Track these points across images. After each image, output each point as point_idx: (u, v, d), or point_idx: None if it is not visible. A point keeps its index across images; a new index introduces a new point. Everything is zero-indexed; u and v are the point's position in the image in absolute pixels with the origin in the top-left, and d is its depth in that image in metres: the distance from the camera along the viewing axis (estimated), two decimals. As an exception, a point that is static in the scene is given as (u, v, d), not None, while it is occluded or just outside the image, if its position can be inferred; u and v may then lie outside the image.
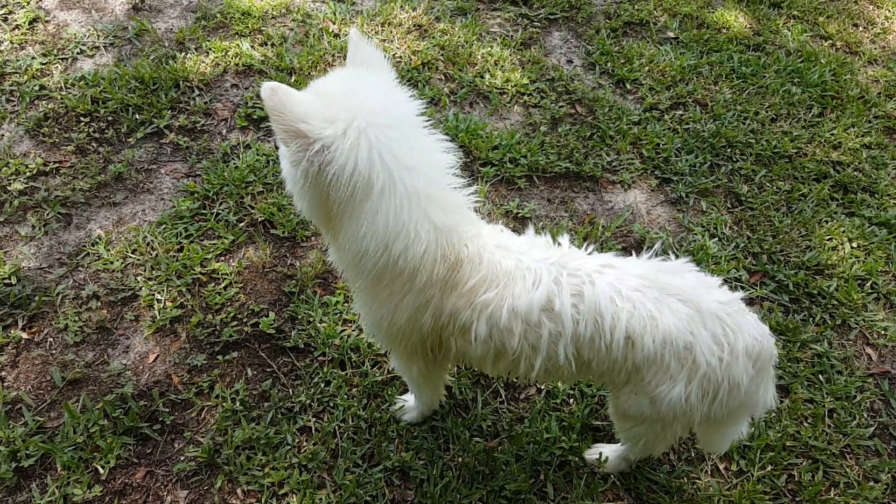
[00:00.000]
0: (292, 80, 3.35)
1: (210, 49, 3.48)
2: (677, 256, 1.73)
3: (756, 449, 2.28)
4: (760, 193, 3.17)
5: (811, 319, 2.71)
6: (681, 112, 3.52)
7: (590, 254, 1.67)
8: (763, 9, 4.29)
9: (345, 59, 1.64)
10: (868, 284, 2.85)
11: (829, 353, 2.59)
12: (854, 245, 2.99)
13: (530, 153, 3.15)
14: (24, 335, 2.39)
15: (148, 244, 2.67)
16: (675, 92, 3.59)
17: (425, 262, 1.50)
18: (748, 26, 4.14)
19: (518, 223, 2.91)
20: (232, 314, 2.49)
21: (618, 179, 3.15)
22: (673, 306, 1.53)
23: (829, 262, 2.90)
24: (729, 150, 3.34)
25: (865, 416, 2.44)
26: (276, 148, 1.72)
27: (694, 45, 3.92)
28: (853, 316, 2.73)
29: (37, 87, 3.20)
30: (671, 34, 4.00)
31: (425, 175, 1.47)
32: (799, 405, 2.42)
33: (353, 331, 2.48)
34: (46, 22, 3.55)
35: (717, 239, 2.94)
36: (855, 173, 3.31)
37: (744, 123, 3.48)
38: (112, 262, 2.60)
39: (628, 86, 3.63)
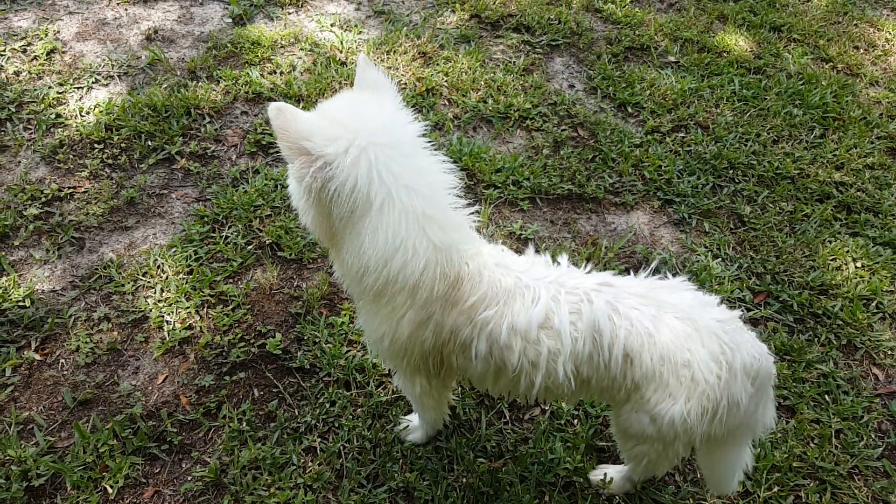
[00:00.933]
0: (300, 106, 3.42)
1: (221, 77, 3.58)
2: (676, 276, 1.75)
3: (762, 470, 2.27)
4: (763, 214, 3.19)
5: (816, 339, 2.71)
6: (682, 134, 3.57)
7: (588, 273, 1.70)
8: (764, 32, 4.35)
9: (351, 86, 1.70)
10: (873, 304, 2.85)
11: (835, 373, 2.58)
12: (858, 265, 3.00)
13: (533, 176, 3.19)
14: (37, 356, 2.44)
15: (158, 267, 2.72)
16: (677, 115, 3.64)
17: (424, 279, 1.54)
18: (749, 50, 4.20)
19: (521, 244, 2.94)
20: (239, 335, 2.53)
21: (620, 201, 3.19)
22: (670, 324, 1.55)
23: (834, 281, 2.90)
24: (731, 172, 3.38)
25: (873, 436, 2.43)
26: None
27: (695, 68, 3.98)
28: (858, 336, 2.73)
29: (53, 116, 3.29)
30: (672, 58, 4.07)
31: (424, 194, 1.51)
32: (805, 425, 2.41)
33: (357, 351, 2.51)
34: (63, 53, 3.67)
35: (720, 259, 2.96)
36: (858, 194, 3.32)
37: (745, 145, 3.52)
38: (123, 285, 2.65)
39: (630, 109, 3.69)
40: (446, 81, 3.68)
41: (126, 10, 4.03)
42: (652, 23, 4.31)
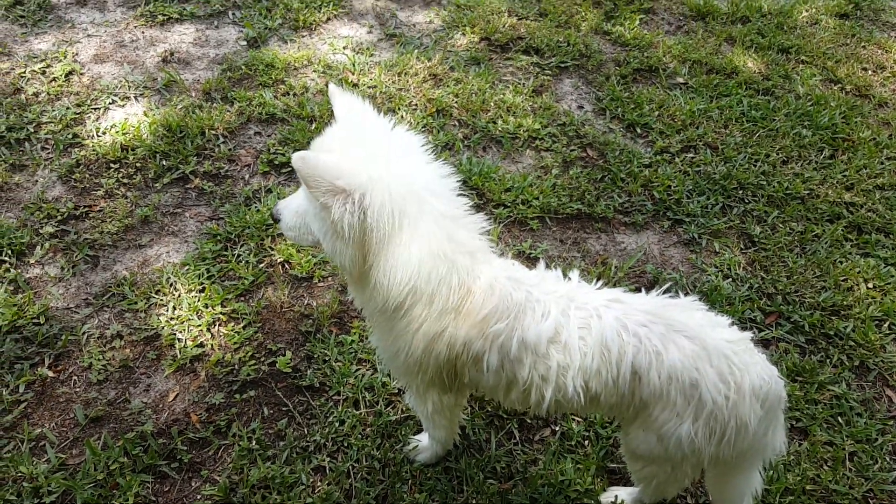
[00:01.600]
0: (312, 127, 3.47)
1: (235, 99, 3.64)
2: (687, 296, 1.75)
3: (775, 493, 2.24)
4: (773, 234, 3.19)
5: (828, 360, 2.69)
6: (692, 155, 3.58)
7: (599, 289, 1.71)
8: (772, 54, 4.38)
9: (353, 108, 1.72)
10: (886, 325, 2.83)
11: (848, 394, 2.56)
12: (870, 285, 2.98)
13: (542, 195, 3.21)
14: (50, 373, 2.46)
15: (171, 285, 2.75)
16: (686, 135, 3.66)
17: (442, 287, 1.57)
18: (757, 71, 4.23)
19: (531, 263, 2.93)
20: (250, 353, 2.55)
21: (630, 221, 3.20)
22: (679, 342, 1.55)
23: (845, 302, 2.89)
24: (741, 192, 3.38)
25: (888, 459, 2.40)
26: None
27: (704, 89, 4.00)
28: (871, 357, 2.71)
29: (70, 136, 3.35)
30: (681, 80, 4.09)
31: (445, 198, 1.58)
32: (818, 448, 2.38)
33: (367, 370, 2.51)
34: (81, 74, 3.75)
35: (730, 280, 2.95)
36: (869, 214, 3.31)
37: (755, 166, 3.53)
38: (136, 303, 2.68)
39: (639, 130, 3.71)
40: (456, 102, 3.72)
41: (143, 32, 4.12)
42: (660, 45, 4.35)
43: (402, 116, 3.58)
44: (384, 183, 1.47)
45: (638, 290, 2.84)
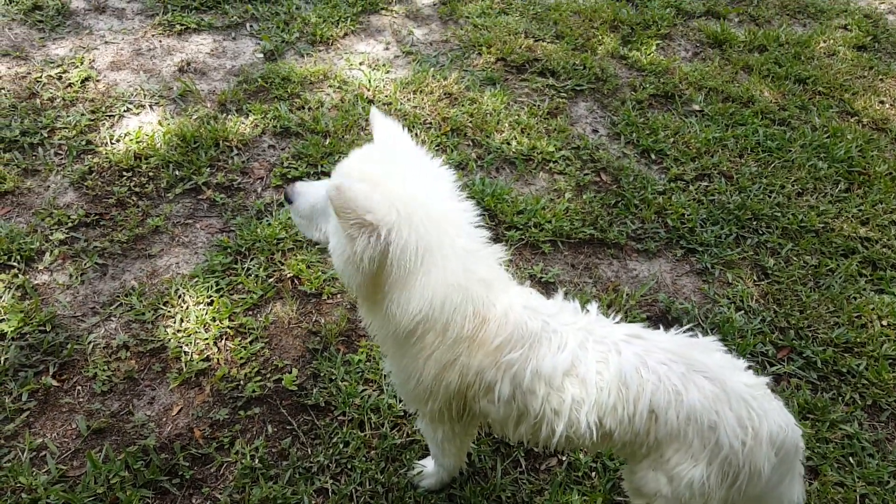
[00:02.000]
0: (326, 142, 3.47)
1: (250, 111, 3.64)
2: (704, 329, 1.72)
3: (784, 533, 2.20)
4: (787, 267, 3.16)
5: (840, 398, 2.65)
6: (706, 183, 3.56)
7: (617, 323, 1.68)
8: (789, 84, 4.36)
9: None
10: (900, 364, 2.79)
11: (860, 434, 2.52)
12: (884, 323, 2.94)
13: (555, 219, 3.19)
14: (54, 382, 2.43)
15: (179, 297, 2.73)
16: (701, 163, 3.64)
17: (456, 316, 1.55)
18: (774, 101, 4.21)
19: (542, 288, 2.92)
20: (256, 369, 2.52)
21: (642, 248, 3.17)
22: (699, 383, 1.52)
23: (859, 339, 2.85)
24: (755, 223, 3.35)
25: (900, 503, 2.36)
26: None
27: (719, 118, 3.99)
28: (884, 396, 2.66)
29: (84, 142, 3.35)
30: (697, 107, 4.08)
31: (466, 232, 1.57)
32: (829, 488, 2.34)
33: (373, 391, 2.48)
34: (97, 81, 3.76)
35: (743, 312, 2.92)
36: (884, 250, 3.28)
37: (770, 196, 3.50)
38: (144, 314, 2.66)
39: (653, 156, 3.69)
40: (471, 122, 3.72)
41: (160, 41, 4.14)
42: (677, 71, 4.35)
43: (416, 134, 3.57)
44: (413, 220, 1.46)
45: (649, 318, 2.83)
